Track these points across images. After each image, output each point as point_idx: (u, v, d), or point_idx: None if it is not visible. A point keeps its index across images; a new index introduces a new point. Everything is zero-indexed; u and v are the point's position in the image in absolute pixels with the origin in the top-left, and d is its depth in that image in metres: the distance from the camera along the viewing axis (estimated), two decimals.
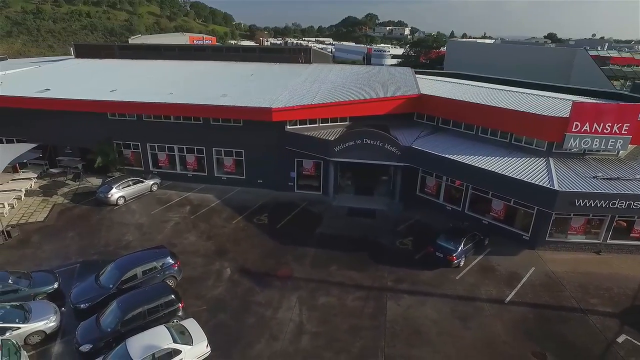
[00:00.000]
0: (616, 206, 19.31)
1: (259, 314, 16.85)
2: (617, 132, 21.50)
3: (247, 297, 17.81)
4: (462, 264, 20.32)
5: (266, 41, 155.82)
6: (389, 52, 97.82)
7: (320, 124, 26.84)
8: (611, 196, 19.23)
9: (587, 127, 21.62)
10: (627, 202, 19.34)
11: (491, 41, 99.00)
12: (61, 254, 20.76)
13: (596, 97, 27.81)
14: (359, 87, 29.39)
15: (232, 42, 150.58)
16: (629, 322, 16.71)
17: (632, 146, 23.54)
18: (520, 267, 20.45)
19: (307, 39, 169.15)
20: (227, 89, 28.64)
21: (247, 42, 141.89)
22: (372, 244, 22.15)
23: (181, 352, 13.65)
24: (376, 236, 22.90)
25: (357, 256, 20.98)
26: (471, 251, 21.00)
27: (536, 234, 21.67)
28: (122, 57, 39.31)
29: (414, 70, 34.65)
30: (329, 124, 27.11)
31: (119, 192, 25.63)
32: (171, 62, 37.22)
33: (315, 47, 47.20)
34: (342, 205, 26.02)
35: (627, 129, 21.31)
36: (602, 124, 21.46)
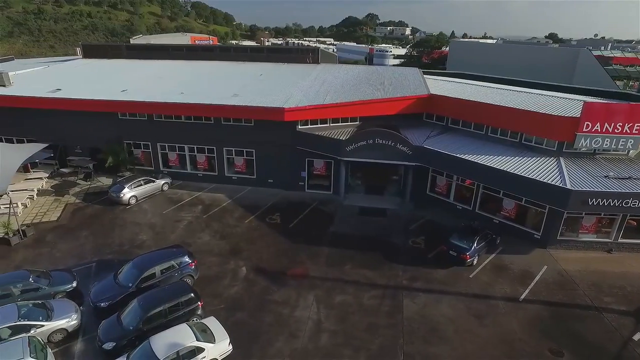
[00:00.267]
0: (629, 205, 19.48)
1: (276, 312, 17.00)
2: (628, 131, 21.69)
3: (263, 296, 17.96)
4: (475, 262, 20.51)
5: (267, 41, 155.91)
6: (391, 52, 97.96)
7: (330, 124, 26.99)
8: (624, 195, 19.40)
9: (597, 126, 21.80)
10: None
11: (492, 41, 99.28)
12: (77, 253, 20.89)
13: (604, 98, 28.02)
14: (369, 88, 29.55)
15: (233, 42, 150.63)
16: None
17: None
18: (532, 265, 20.63)
19: (308, 39, 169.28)
20: (238, 88, 28.78)
21: (248, 42, 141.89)
22: (385, 243, 22.31)
23: (204, 349, 13.78)
24: (388, 235, 23.06)
25: (370, 255, 21.14)
26: (484, 250, 21.18)
27: (548, 233, 21.85)
28: (129, 57, 39.42)
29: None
30: (340, 124, 27.26)
31: (131, 192, 25.75)
32: (179, 62, 37.33)
33: (323, 47, 47.23)
34: (353, 204, 26.17)
35: (638, 128, 21.49)
36: (613, 124, 21.65)
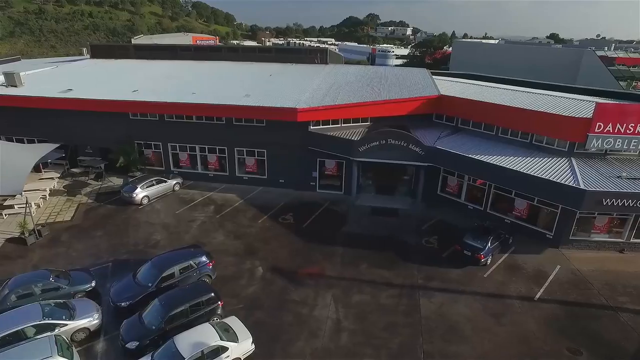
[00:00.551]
0: None
1: (295, 312, 17.12)
2: None
3: (282, 296, 18.08)
4: (489, 262, 20.67)
5: (268, 41, 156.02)
6: (394, 52, 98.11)
7: (342, 124, 27.11)
8: (638, 195, 19.55)
9: (609, 127, 21.96)
10: None
11: (494, 41, 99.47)
12: (92, 253, 20.97)
13: (611, 98, 28.20)
14: (378, 88, 29.69)
15: (234, 42, 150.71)
16: None
17: None
18: (545, 265, 20.79)
19: (309, 39, 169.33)
20: (249, 89, 28.88)
21: (250, 42, 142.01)
22: (398, 243, 22.45)
23: (228, 349, 13.90)
24: (401, 235, 23.20)
25: (385, 255, 21.28)
26: (497, 249, 21.34)
27: (560, 233, 22.01)
28: (136, 57, 39.48)
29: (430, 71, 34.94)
30: (351, 124, 27.39)
31: (143, 192, 25.84)
32: (187, 62, 37.40)
33: (331, 48, 47.37)
34: (364, 204, 26.30)
35: None
36: (625, 125, 21.80)
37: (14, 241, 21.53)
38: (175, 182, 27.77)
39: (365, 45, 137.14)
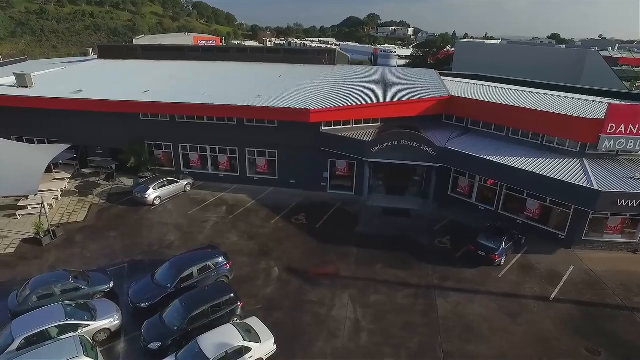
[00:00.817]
0: None
1: (314, 312, 17.20)
2: None
3: (299, 296, 18.16)
4: (502, 262, 20.78)
5: (269, 41, 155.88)
6: (396, 52, 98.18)
7: (353, 125, 27.21)
8: None
9: (622, 128, 22.08)
10: None
11: (496, 42, 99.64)
12: (107, 254, 21.02)
13: (622, 99, 28.34)
14: (388, 89, 29.79)
15: (236, 42, 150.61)
16: None
17: None
18: (559, 265, 20.90)
19: (310, 39, 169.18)
20: (260, 89, 28.96)
21: (251, 43, 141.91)
22: (412, 243, 22.55)
23: (251, 349, 13.97)
24: (414, 235, 23.30)
25: (399, 255, 21.38)
26: (511, 250, 21.45)
27: (573, 233, 22.12)
28: (144, 58, 39.52)
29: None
30: (362, 125, 27.48)
31: (155, 193, 25.89)
32: (195, 63, 37.45)
33: (338, 48, 47.47)
34: (376, 205, 26.39)
35: None
36: (638, 125, 21.92)
37: (29, 241, 21.58)
38: (186, 182, 27.83)
39: (366, 45, 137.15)
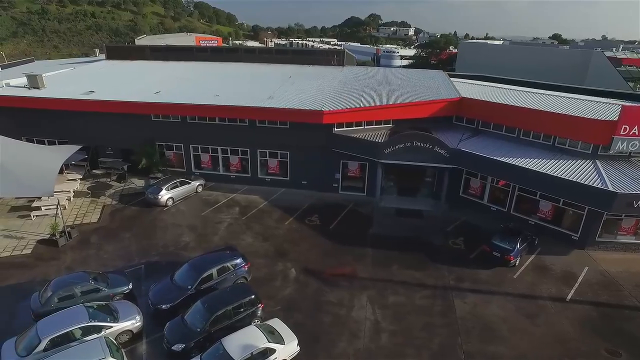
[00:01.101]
0: None
1: (333, 313, 17.28)
2: None
3: (317, 297, 18.23)
4: (517, 263, 20.87)
5: (270, 41, 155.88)
6: (398, 52, 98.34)
7: (365, 126, 27.29)
8: None
9: (635, 130, 22.17)
10: None
11: (498, 42, 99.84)
12: (123, 255, 21.07)
13: (633, 100, 28.46)
14: (399, 91, 29.88)
15: (237, 42, 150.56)
16: None
17: None
18: (573, 266, 21.00)
19: (311, 39, 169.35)
20: (271, 90, 29.03)
21: (252, 43, 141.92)
22: (426, 244, 22.64)
23: (276, 350, 14.04)
24: (428, 236, 23.39)
25: (414, 256, 21.46)
26: (525, 251, 21.55)
27: (586, 234, 22.23)
28: (152, 59, 39.56)
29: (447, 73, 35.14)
30: (374, 126, 27.56)
31: (168, 194, 25.94)
32: (203, 64, 37.52)
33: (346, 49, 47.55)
34: (388, 206, 26.47)
35: None
36: None
37: (45, 243, 21.63)
38: (198, 183, 27.89)
39: (368, 45, 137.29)
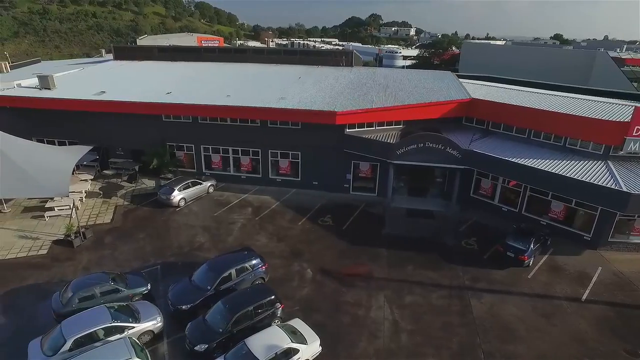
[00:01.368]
0: None
1: (352, 313, 17.36)
2: None
3: (335, 297, 18.32)
4: (531, 263, 20.98)
5: (271, 41, 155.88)
6: (401, 52, 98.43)
7: (376, 127, 27.38)
8: None
9: None
10: None
11: (500, 42, 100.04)
12: (139, 256, 21.13)
13: (637, 101, 28.61)
14: (409, 91, 29.99)
15: (238, 42, 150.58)
16: None
17: None
18: (587, 266, 21.11)
19: (312, 39, 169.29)
20: (282, 91, 29.11)
21: (253, 43, 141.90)
22: (439, 245, 22.74)
23: (299, 351, 14.12)
24: (440, 237, 23.49)
25: (428, 256, 21.56)
26: (538, 251, 21.66)
27: (599, 235, 22.34)
28: (160, 59, 39.59)
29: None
30: (385, 127, 27.65)
31: (180, 194, 26.00)
32: (212, 64, 37.59)
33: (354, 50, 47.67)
34: (399, 206, 26.56)
35: None
36: None
37: (60, 243, 21.69)
38: (209, 184, 27.95)
39: (370, 45, 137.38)
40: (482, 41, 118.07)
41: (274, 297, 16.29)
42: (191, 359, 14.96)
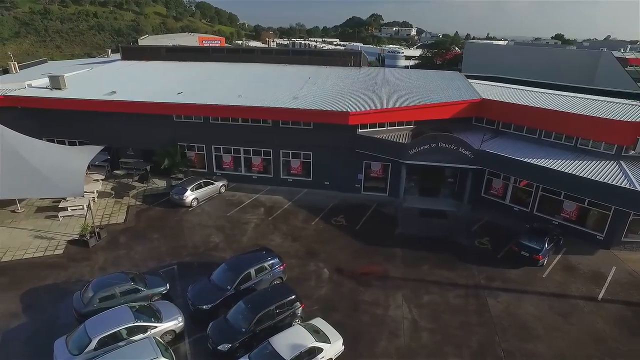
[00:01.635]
0: None
1: (371, 312, 17.44)
2: None
3: (353, 297, 18.39)
4: (545, 262, 21.08)
5: (272, 41, 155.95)
6: (403, 52, 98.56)
7: (388, 127, 27.46)
8: None
9: None
10: None
11: (502, 42, 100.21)
12: (154, 256, 21.17)
13: None
14: (419, 92, 30.07)
15: (239, 42, 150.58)
16: None
17: None
18: (601, 266, 21.21)
19: (313, 39, 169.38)
20: (294, 91, 29.17)
21: (255, 43, 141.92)
22: (453, 244, 22.83)
23: (323, 350, 14.19)
24: (453, 236, 23.59)
25: (442, 256, 21.64)
26: (552, 250, 21.76)
27: (612, 234, 22.44)
28: (168, 59, 39.61)
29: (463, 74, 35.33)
30: (396, 127, 27.73)
31: (193, 194, 26.03)
32: (220, 65, 37.62)
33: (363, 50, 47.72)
34: (411, 206, 26.64)
35: None
36: None
37: (75, 243, 21.73)
38: (221, 184, 27.99)
39: (371, 45, 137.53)
40: (484, 41, 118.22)
41: (294, 296, 16.35)
42: (213, 358, 15.02)
